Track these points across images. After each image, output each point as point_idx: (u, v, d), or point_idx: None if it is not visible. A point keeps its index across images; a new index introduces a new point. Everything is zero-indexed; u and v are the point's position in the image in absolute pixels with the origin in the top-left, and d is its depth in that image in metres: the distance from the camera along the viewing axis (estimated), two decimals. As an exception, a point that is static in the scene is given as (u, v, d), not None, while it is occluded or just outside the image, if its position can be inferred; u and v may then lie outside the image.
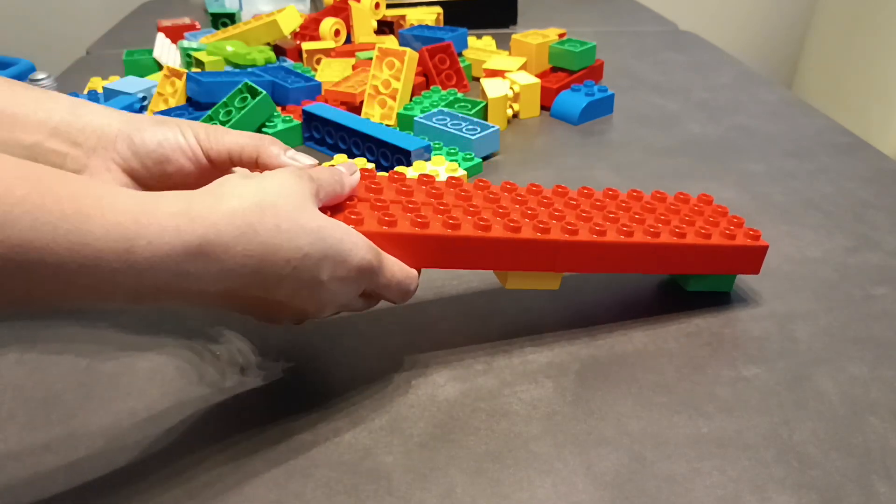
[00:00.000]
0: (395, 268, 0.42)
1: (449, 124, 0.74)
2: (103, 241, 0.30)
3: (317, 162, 0.45)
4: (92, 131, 0.44)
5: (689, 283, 0.52)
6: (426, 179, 0.48)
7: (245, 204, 0.36)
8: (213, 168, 0.45)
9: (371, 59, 0.86)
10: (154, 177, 0.45)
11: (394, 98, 0.79)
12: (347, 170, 0.44)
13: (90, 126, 0.44)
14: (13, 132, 0.42)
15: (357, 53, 0.94)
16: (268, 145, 0.45)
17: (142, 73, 0.95)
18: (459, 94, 0.82)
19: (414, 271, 0.43)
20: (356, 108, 0.81)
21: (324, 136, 0.76)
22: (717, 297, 0.52)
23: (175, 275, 0.33)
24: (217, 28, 1.16)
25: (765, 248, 0.50)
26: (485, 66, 0.91)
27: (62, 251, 0.29)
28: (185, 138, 0.44)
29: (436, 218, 0.44)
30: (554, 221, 0.47)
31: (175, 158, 0.44)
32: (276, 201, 0.37)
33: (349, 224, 0.41)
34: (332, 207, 0.42)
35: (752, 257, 0.50)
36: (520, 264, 0.46)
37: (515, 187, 0.50)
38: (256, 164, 0.45)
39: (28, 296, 0.30)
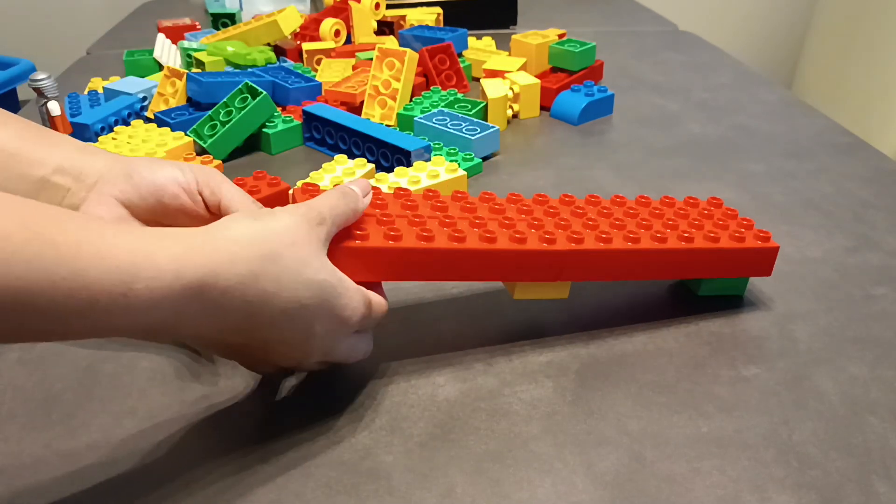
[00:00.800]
0: (378, 304, 0.42)
1: (449, 124, 0.74)
2: (100, 285, 0.30)
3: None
4: (94, 170, 0.45)
5: (700, 288, 0.51)
6: (431, 194, 0.49)
7: (248, 252, 0.35)
8: (206, 207, 0.46)
9: (371, 59, 0.86)
10: (151, 209, 0.45)
11: (394, 98, 0.79)
12: (361, 190, 0.43)
13: (92, 168, 0.45)
14: (22, 168, 0.43)
15: (357, 54, 0.94)
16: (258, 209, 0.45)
17: (142, 74, 0.95)
18: (459, 95, 0.83)
19: (385, 302, 0.43)
20: (356, 109, 0.81)
21: (324, 137, 0.76)
22: (713, 298, 0.52)
23: (171, 315, 0.33)
24: (217, 28, 1.16)
25: (775, 250, 0.50)
26: (485, 66, 0.91)
27: (58, 295, 0.29)
28: (183, 175, 0.45)
29: (441, 231, 0.44)
30: (560, 231, 0.46)
31: (172, 190, 0.45)
32: (281, 251, 0.36)
33: (355, 240, 0.41)
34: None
35: (763, 259, 0.50)
36: (527, 275, 0.46)
37: (521, 198, 0.50)
38: None
39: (20, 333, 0.30)
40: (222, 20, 1.19)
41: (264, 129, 0.76)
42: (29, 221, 0.30)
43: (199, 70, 0.90)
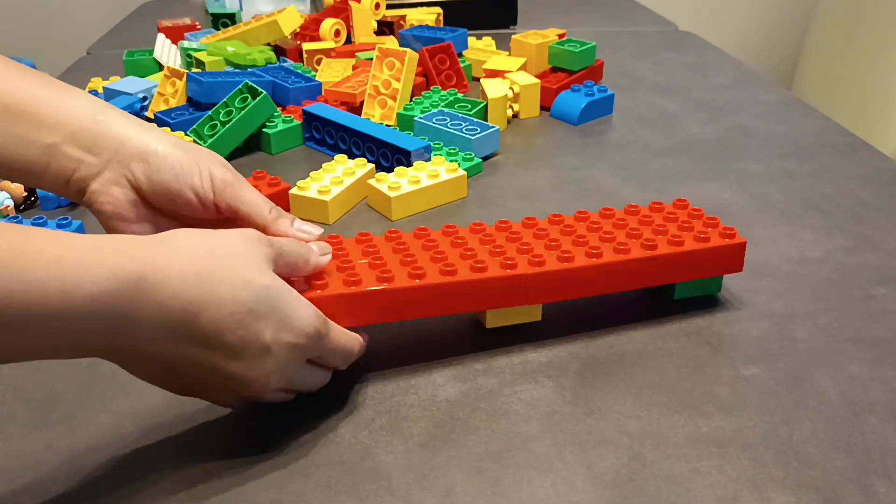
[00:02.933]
0: (340, 333, 0.41)
1: (449, 124, 0.74)
2: (42, 285, 0.30)
3: (322, 231, 0.45)
4: (109, 143, 0.43)
5: (675, 292, 0.51)
6: (392, 235, 0.49)
7: (190, 251, 0.35)
8: (219, 214, 0.45)
9: (371, 59, 0.86)
10: (161, 204, 0.44)
11: (394, 98, 0.79)
12: (320, 249, 0.43)
13: (109, 137, 0.43)
14: (31, 131, 0.42)
15: (357, 54, 0.94)
16: (276, 218, 0.44)
17: (142, 74, 0.95)
18: (459, 95, 0.83)
19: (356, 335, 0.42)
20: (356, 109, 0.81)
21: (324, 137, 0.76)
22: (713, 298, 0.52)
23: (114, 317, 0.32)
24: (217, 28, 1.16)
25: (742, 245, 0.49)
26: (485, 66, 0.91)
27: (2, 301, 0.29)
28: (200, 181, 0.44)
29: (402, 270, 0.44)
30: (523, 255, 0.47)
31: (186, 197, 0.44)
32: (224, 255, 0.36)
33: (313, 289, 0.41)
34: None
35: (732, 256, 0.50)
36: (494, 302, 0.46)
37: (483, 227, 0.50)
38: (262, 229, 0.44)
39: None
40: (222, 20, 1.19)
41: (264, 129, 0.76)
42: None
43: (199, 70, 0.90)
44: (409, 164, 0.67)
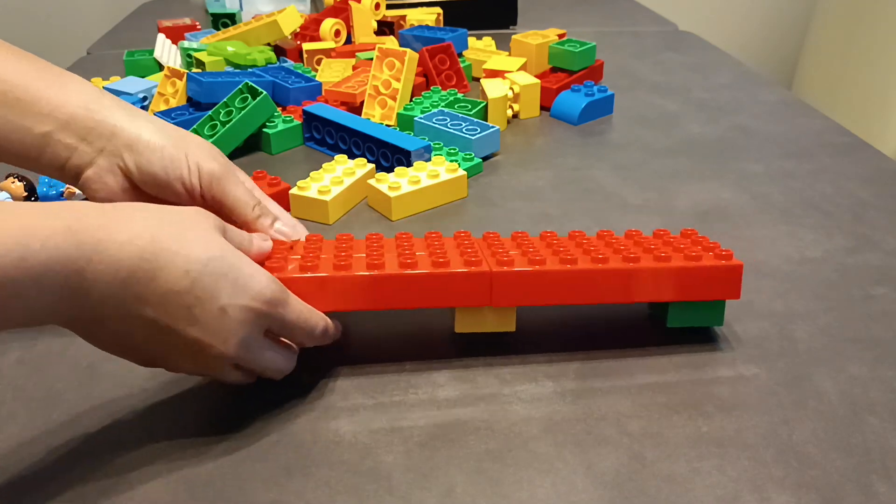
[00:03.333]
0: (302, 306, 0.40)
1: (449, 124, 0.74)
2: (1, 253, 0.30)
3: (305, 233, 0.47)
4: (102, 133, 0.44)
5: (668, 319, 0.47)
6: (374, 237, 0.48)
7: (144, 214, 0.36)
8: (205, 205, 0.46)
9: (371, 59, 0.86)
10: (152, 192, 0.46)
11: (394, 98, 0.79)
12: (259, 236, 0.43)
13: (102, 126, 0.44)
14: (25, 119, 0.43)
15: (357, 54, 0.94)
16: (258, 216, 0.46)
17: (142, 74, 0.95)
18: (459, 95, 0.83)
19: (322, 314, 0.42)
20: (356, 109, 0.81)
21: (324, 137, 0.76)
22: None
23: (69, 280, 0.32)
24: (217, 28, 1.16)
25: (739, 268, 0.45)
26: (485, 66, 0.91)
27: None
28: (189, 174, 0.45)
29: (360, 260, 0.44)
30: (489, 256, 0.45)
31: (174, 188, 0.46)
32: (181, 224, 0.36)
33: (270, 271, 0.41)
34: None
35: (726, 279, 0.46)
36: (453, 300, 0.44)
37: (468, 235, 0.49)
38: (244, 225, 0.46)
39: None
40: (222, 20, 1.19)
41: (264, 129, 0.76)
42: None
43: (200, 70, 0.90)
44: (409, 164, 0.67)
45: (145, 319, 0.35)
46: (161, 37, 1.02)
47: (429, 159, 0.69)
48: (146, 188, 0.45)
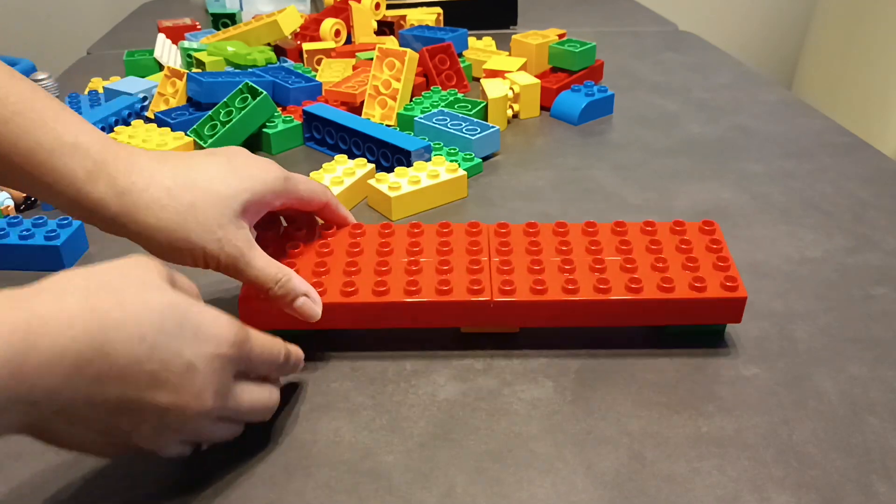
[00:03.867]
0: (264, 338, 0.38)
1: (449, 124, 0.74)
2: None
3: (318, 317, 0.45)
4: (103, 218, 0.41)
5: (665, 328, 0.48)
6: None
7: (79, 286, 0.31)
8: None
9: (371, 59, 0.86)
10: None
11: (394, 98, 0.79)
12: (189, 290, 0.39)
13: (106, 218, 0.41)
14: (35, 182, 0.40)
15: (357, 54, 0.94)
16: (278, 296, 0.44)
17: (142, 74, 0.95)
18: (459, 95, 0.83)
19: (282, 342, 0.39)
20: (356, 109, 0.81)
21: (324, 137, 0.76)
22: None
23: (12, 381, 0.28)
24: (218, 28, 1.16)
25: (743, 300, 0.45)
26: (485, 66, 0.91)
27: None
28: (195, 263, 0.42)
29: (366, 284, 0.46)
30: (496, 274, 0.47)
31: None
32: (118, 282, 0.33)
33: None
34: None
35: (729, 307, 0.45)
36: (462, 322, 0.47)
37: (479, 232, 0.50)
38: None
39: None
40: (222, 20, 1.19)
41: (264, 129, 0.76)
42: None
43: (200, 70, 0.90)
44: (409, 164, 0.67)
45: (109, 400, 0.31)
46: (161, 37, 1.02)
47: (429, 159, 0.69)
48: None
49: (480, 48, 1.02)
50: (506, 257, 0.48)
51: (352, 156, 0.73)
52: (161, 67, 0.97)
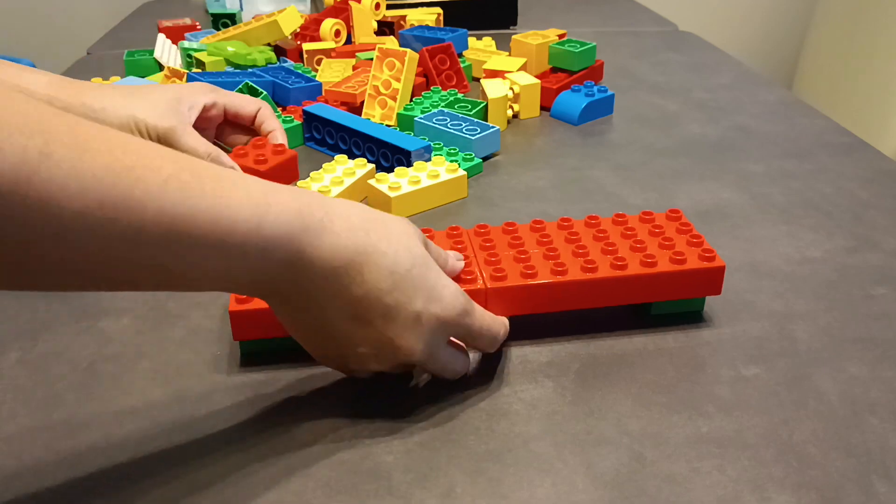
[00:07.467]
0: (485, 314, 0.43)
1: (449, 125, 0.74)
2: (238, 215, 0.33)
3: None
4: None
5: (651, 307, 0.49)
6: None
7: (362, 210, 0.38)
8: None
9: (371, 59, 0.86)
10: None
11: (394, 98, 0.79)
12: (455, 256, 0.46)
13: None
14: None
15: (357, 54, 0.94)
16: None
17: (142, 74, 0.95)
18: (460, 95, 0.83)
19: (502, 318, 0.44)
20: (356, 109, 0.81)
21: (324, 137, 0.76)
22: (713, 298, 0.52)
23: (293, 254, 0.35)
24: (218, 28, 1.16)
25: (721, 269, 0.47)
26: (485, 66, 0.91)
27: (203, 223, 0.31)
28: (143, 137, 0.49)
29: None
30: (486, 265, 0.47)
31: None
32: (391, 222, 0.39)
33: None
34: None
35: (710, 279, 0.47)
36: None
37: (460, 235, 0.51)
38: None
39: (164, 271, 0.32)
40: (222, 20, 1.19)
41: (264, 129, 0.76)
42: (173, 156, 0.32)
43: (200, 70, 0.90)
44: (409, 165, 0.67)
45: (348, 310, 0.37)
46: (161, 37, 1.02)
47: (429, 159, 0.69)
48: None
49: (480, 48, 1.02)
50: (492, 251, 0.48)
51: (352, 156, 0.73)
52: (161, 67, 0.97)
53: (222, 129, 0.70)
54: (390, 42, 0.99)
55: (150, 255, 0.31)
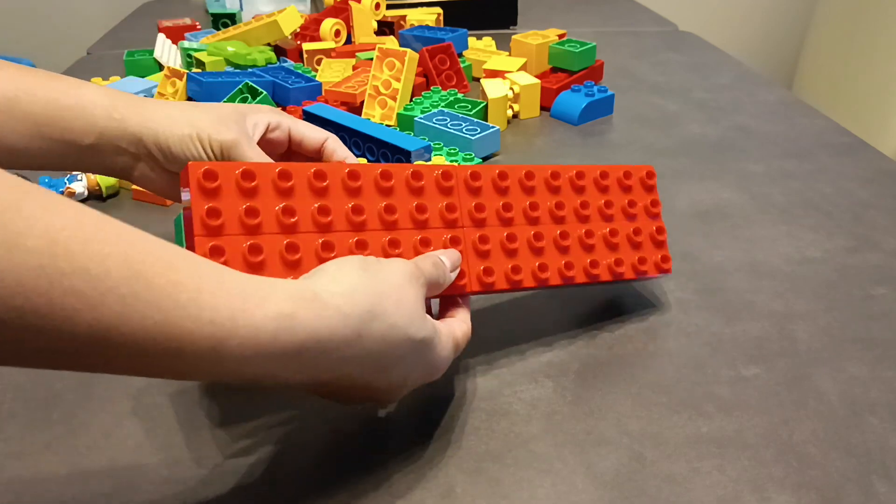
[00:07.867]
0: (463, 340, 0.41)
1: (449, 125, 0.74)
2: (191, 338, 0.29)
3: None
4: (131, 141, 0.46)
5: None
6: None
7: (357, 311, 0.34)
8: None
9: (371, 59, 0.86)
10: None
11: (394, 98, 0.79)
12: (451, 265, 0.42)
13: (128, 135, 0.46)
14: (65, 134, 0.45)
15: (357, 54, 0.94)
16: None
17: (142, 74, 0.95)
18: (459, 95, 0.83)
19: (468, 326, 0.42)
20: (356, 109, 0.81)
21: (324, 137, 0.76)
22: (714, 298, 0.52)
23: (261, 370, 0.31)
24: (218, 28, 1.16)
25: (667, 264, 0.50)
26: (485, 66, 0.91)
27: (147, 341, 0.28)
28: (203, 152, 0.47)
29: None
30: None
31: None
32: (389, 309, 0.35)
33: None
34: None
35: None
36: None
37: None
38: None
39: (105, 367, 0.29)
40: (222, 20, 1.19)
41: (264, 129, 0.76)
42: (131, 258, 0.28)
43: (200, 70, 0.90)
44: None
45: (331, 387, 0.36)
46: (161, 37, 1.02)
47: (429, 159, 0.69)
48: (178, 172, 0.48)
49: (480, 48, 1.02)
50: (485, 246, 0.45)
51: (352, 156, 0.73)
52: (161, 67, 0.97)
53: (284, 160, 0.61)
54: (390, 42, 0.99)
55: (90, 353, 0.28)
